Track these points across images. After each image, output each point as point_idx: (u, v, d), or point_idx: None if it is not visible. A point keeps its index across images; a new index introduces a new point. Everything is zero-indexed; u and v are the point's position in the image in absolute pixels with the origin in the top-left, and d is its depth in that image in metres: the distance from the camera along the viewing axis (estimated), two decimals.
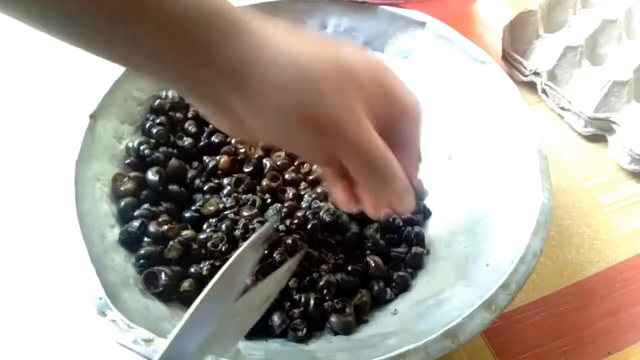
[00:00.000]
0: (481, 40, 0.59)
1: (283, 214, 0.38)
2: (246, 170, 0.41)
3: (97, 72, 0.39)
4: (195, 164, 0.42)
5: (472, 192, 0.40)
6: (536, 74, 0.53)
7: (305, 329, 0.34)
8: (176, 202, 0.39)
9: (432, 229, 0.41)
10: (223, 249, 0.36)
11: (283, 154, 0.42)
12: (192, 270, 0.35)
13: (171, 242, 0.35)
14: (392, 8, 0.45)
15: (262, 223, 0.37)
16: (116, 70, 0.40)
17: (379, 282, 0.37)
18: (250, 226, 0.37)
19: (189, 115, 0.44)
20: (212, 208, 0.38)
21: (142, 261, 0.35)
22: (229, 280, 0.25)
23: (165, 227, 0.36)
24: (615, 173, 0.49)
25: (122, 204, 0.37)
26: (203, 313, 0.23)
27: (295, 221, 0.37)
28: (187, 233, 0.37)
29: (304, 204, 0.39)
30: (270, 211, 0.38)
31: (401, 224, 0.39)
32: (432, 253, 0.39)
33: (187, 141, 0.42)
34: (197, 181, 0.41)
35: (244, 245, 0.27)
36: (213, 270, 0.35)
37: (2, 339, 0.37)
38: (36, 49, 0.55)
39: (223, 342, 0.25)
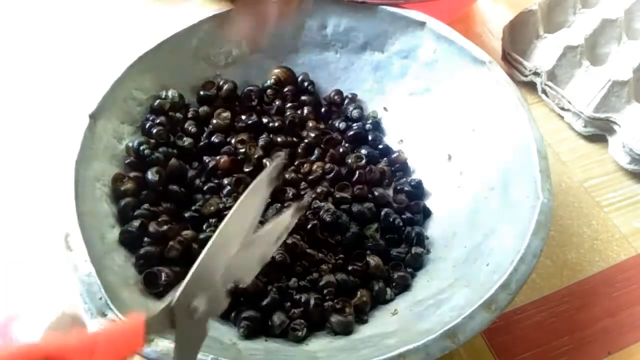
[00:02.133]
0: (481, 40, 0.59)
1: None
2: (246, 170, 0.41)
3: (97, 72, 0.39)
4: (195, 164, 0.42)
5: (472, 192, 0.40)
6: (536, 74, 0.53)
7: (305, 329, 0.34)
8: (176, 202, 0.39)
9: (432, 229, 0.41)
10: None
11: (283, 154, 0.42)
12: None
13: (171, 242, 0.35)
14: (392, 8, 0.45)
15: (262, 223, 0.37)
16: (116, 70, 0.40)
17: (378, 282, 0.37)
18: None
19: (189, 115, 0.44)
20: (212, 208, 0.38)
21: (142, 261, 0.35)
22: (241, 218, 0.26)
23: (165, 227, 0.36)
24: (615, 173, 0.49)
25: (122, 204, 0.37)
26: (220, 246, 0.25)
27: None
28: (187, 233, 0.37)
29: None
30: (271, 211, 0.38)
31: (401, 224, 0.39)
32: (432, 253, 0.39)
33: (187, 141, 0.42)
34: (197, 181, 0.41)
35: (251, 185, 0.28)
36: None
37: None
38: (36, 48, 0.55)
39: (245, 271, 0.27)
